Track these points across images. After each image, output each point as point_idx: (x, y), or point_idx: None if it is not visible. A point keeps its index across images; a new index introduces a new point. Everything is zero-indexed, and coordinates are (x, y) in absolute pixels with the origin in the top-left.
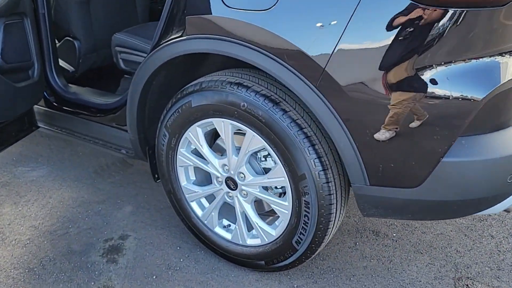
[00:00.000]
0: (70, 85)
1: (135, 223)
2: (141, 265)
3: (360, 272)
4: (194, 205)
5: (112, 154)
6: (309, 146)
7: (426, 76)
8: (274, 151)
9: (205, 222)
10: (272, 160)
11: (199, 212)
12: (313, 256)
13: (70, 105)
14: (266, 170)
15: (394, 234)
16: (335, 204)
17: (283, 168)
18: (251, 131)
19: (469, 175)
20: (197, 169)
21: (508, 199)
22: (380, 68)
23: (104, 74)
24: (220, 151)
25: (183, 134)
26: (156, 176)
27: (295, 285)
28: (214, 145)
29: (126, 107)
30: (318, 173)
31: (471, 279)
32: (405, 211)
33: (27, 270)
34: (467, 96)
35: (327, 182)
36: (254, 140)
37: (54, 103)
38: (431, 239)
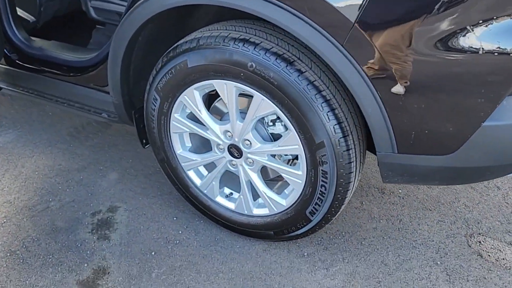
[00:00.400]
0: (32, 38)
1: (123, 192)
2: (136, 240)
3: (370, 234)
4: (191, 174)
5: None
6: (328, 111)
7: (472, 31)
8: (287, 117)
9: (205, 191)
10: (282, 125)
11: (197, 181)
12: (327, 225)
13: (36, 62)
14: (275, 136)
15: (400, 191)
16: (354, 172)
17: (297, 136)
18: (260, 94)
19: (508, 139)
20: (193, 134)
21: None
22: (418, 23)
23: (71, 24)
24: (219, 115)
25: (178, 98)
26: (144, 141)
27: (305, 253)
28: (212, 108)
29: (108, 66)
30: (338, 140)
31: (483, 235)
32: (434, 178)
33: (8, 254)
34: None
35: (348, 150)
36: (263, 105)
37: (17, 61)
38: (438, 194)
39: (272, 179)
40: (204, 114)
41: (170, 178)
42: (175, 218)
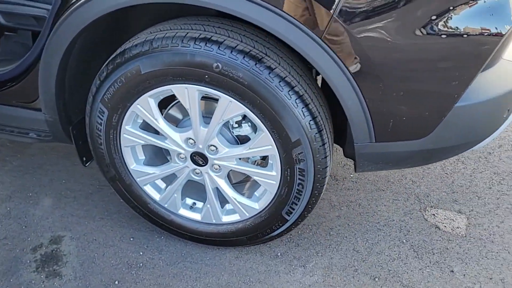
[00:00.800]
0: None
1: (64, 218)
2: (93, 271)
3: (335, 223)
4: (148, 189)
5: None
6: (303, 107)
7: (448, 16)
8: (259, 117)
9: (166, 205)
10: (248, 126)
11: (156, 196)
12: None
13: None
14: (240, 138)
15: (351, 175)
16: (329, 166)
17: (270, 136)
18: (228, 96)
19: (476, 118)
20: (145, 146)
21: (496, 132)
22: (397, 12)
23: None
24: (173, 122)
25: (129, 108)
26: (85, 159)
27: (279, 254)
28: (165, 116)
29: (39, 80)
30: (314, 135)
31: (434, 208)
32: (407, 162)
33: None
34: (490, 31)
35: (323, 144)
36: (231, 107)
37: None
38: (386, 173)
39: (238, 182)
40: (161, 123)
41: (123, 196)
42: (131, 239)
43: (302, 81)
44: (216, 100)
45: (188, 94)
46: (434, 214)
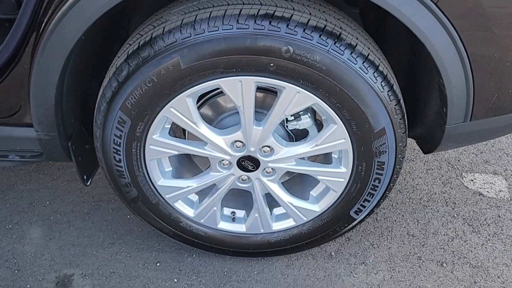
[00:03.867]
0: None
1: (64, 251)
2: None
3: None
4: (180, 206)
5: None
6: (388, 90)
7: None
8: (334, 108)
9: (202, 221)
10: (309, 118)
11: (189, 212)
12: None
13: None
14: (295, 132)
15: None
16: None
17: (344, 128)
18: (295, 86)
19: None
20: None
21: None
22: None
23: None
24: (208, 122)
25: (159, 113)
26: (85, 177)
27: (332, 253)
28: None
29: (30, 92)
30: (399, 122)
31: (470, 172)
32: (495, 135)
33: None
34: None
35: (405, 132)
36: (298, 99)
37: None
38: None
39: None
40: (203, 128)
41: (147, 217)
42: (158, 264)
43: (382, 58)
44: (272, 91)
45: (242, 87)
46: (472, 180)
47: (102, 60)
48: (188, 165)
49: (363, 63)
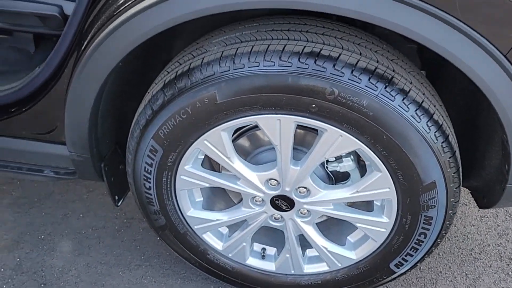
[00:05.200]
0: None
1: (91, 268)
2: None
3: None
4: (208, 237)
5: None
6: (443, 141)
7: None
8: (380, 155)
9: (230, 255)
10: (351, 161)
11: (217, 245)
12: None
13: None
14: (335, 174)
15: None
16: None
17: (389, 177)
18: (339, 130)
19: None
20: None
21: None
22: None
23: None
24: (241, 155)
25: (192, 145)
26: (117, 197)
27: None
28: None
29: (65, 115)
30: (452, 176)
31: None
32: None
33: None
34: None
35: (459, 186)
36: (341, 143)
37: None
38: None
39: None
40: (237, 163)
41: (175, 246)
42: None
43: (438, 105)
44: (313, 129)
45: (281, 127)
46: None
47: (140, 83)
48: (220, 194)
49: (415, 110)
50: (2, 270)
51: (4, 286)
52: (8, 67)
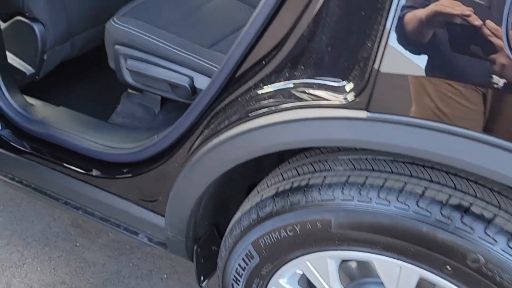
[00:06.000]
0: (31, 103)
1: None
2: None
3: None
4: None
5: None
6: None
7: None
8: None
9: None
10: None
11: None
12: None
13: (36, 144)
14: None
15: None
16: None
17: None
18: None
19: None
20: None
21: None
22: None
23: (79, 68)
24: (350, 279)
25: (291, 261)
26: (202, 278)
27: None
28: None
29: (169, 196)
30: None
31: None
32: None
33: None
34: None
35: None
36: None
37: (12, 143)
38: None
39: None
40: None
41: None
42: None
43: None
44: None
45: (400, 275)
46: None
47: (247, 172)
48: None
49: None
50: None
51: None
52: (132, 121)
